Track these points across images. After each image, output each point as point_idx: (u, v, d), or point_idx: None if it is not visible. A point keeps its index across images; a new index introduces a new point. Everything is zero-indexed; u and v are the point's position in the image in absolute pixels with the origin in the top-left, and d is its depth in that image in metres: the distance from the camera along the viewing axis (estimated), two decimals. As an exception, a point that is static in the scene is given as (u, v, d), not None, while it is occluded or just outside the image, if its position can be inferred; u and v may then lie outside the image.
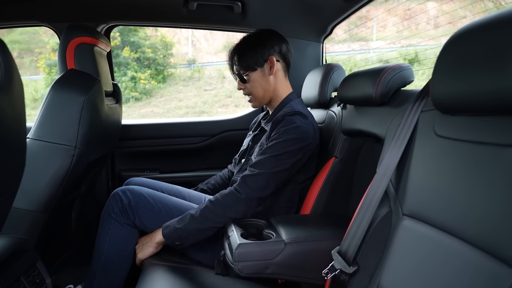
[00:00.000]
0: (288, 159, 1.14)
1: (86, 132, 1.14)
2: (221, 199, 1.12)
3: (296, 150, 1.14)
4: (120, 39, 9.86)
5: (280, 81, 1.32)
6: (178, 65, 10.98)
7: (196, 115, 8.75)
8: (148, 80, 9.86)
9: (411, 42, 8.19)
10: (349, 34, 7.53)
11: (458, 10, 6.58)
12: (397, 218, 0.72)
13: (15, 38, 10.90)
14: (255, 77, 1.29)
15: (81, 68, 1.23)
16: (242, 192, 1.10)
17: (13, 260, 1.02)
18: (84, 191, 1.58)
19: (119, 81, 9.42)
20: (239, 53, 1.29)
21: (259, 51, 1.27)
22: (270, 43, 1.28)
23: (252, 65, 1.27)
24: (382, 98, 0.97)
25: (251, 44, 1.29)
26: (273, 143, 1.15)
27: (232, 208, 1.10)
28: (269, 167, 1.12)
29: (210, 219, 1.10)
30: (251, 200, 1.11)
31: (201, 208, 1.12)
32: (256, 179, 1.11)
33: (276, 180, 1.14)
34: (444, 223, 0.58)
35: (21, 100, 0.69)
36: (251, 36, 1.31)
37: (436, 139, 0.65)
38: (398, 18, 8.67)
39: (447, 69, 0.57)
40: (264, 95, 1.32)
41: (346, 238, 0.77)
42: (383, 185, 0.75)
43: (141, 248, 1.18)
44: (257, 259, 0.93)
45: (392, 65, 0.99)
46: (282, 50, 1.30)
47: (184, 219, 1.12)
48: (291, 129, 1.15)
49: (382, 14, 8.86)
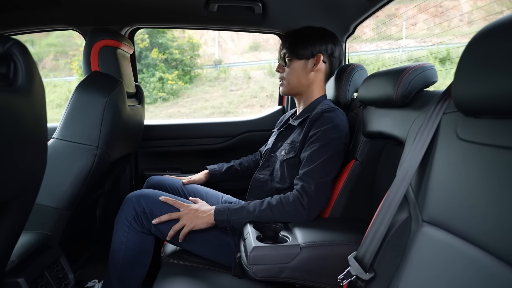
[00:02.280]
0: (338, 160, 1.15)
1: (108, 132, 1.17)
2: (283, 208, 1.08)
3: (341, 149, 1.15)
4: (149, 41, 10.12)
5: (318, 81, 1.31)
6: (205, 65, 11.13)
7: (222, 115, 8.83)
8: (175, 81, 10.06)
9: (443, 40, 7.90)
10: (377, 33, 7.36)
11: (494, 5, 6.27)
12: (416, 224, 0.69)
13: (51, 41, 11.42)
14: (296, 66, 1.29)
15: (105, 70, 1.27)
16: (306, 206, 1.08)
17: (38, 255, 1.06)
18: (109, 189, 1.63)
19: (148, 82, 9.66)
20: (295, 38, 1.30)
21: (312, 45, 1.27)
22: (326, 42, 1.28)
23: (299, 54, 1.28)
24: (403, 99, 0.93)
25: (310, 36, 1.29)
26: (317, 146, 1.13)
27: (291, 218, 1.09)
28: (324, 174, 1.11)
29: (265, 219, 1.09)
30: (314, 214, 1.10)
31: (260, 208, 1.09)
32: (317, 191, 1.09)
33: (332, 184, 1.14)
34: (466, 231, 0.55)
35: (41, 102, 0.71)
36: (313, 29, 1.32)
37: (458, 143, 0.61)
38: (428, 15, 8.39)
39: (470, 69, 0.54)
40: (296, 86, 1.31)
41: (364, 244, 0.75)
42: (402, 189, 0.72)
43: (193, 219, 1.12)
44: (272, 263, 0.92)
45: (414, 65, 0.95)
46: (333, 54, 1.30)
47: (240, 212, 1.10)
48: (332, 128, 1.14)
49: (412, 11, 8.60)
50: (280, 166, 1.26)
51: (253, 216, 1.09)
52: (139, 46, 9.82)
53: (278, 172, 1.27)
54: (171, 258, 1.22)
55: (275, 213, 1.08)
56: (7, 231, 0.74)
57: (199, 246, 1.19)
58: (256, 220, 1.08)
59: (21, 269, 0.96)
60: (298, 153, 1.21)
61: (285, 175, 1.23)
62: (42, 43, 11.49)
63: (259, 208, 1.09)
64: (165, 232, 1.15)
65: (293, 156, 1.22)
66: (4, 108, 0.58)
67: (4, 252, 0.79)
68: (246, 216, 1.09)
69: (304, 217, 1.08)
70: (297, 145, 1.21)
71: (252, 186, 1.34)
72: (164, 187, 1.47)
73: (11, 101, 0.60)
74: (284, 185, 1.23)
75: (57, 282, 1.08)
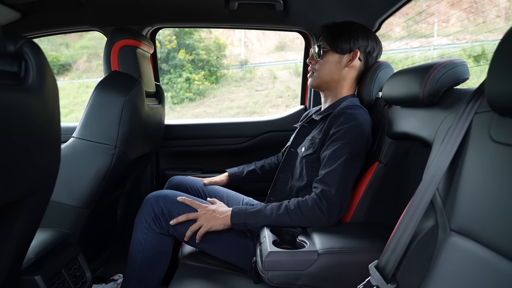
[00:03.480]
0: (359, 161, 1.10)
1: (126, 132, 1.17)
2: (301, 213, 1.04)
3: (363, 150, 1.11)
4: (176, 42, 10.28)
5: (350, 79, 1.27)
6: (231, 66, 11.19)
7: (247, 115, 8.85)
8: (202, 81, 10.17)
9: (478, 37, 7.55)
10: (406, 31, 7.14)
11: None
12: (444, 233, 0.64)
13: (84, 44, 11.86)
14: (330, 59, 1.26)
15: (124, 70, 1.27)
16: (325, 212, 1.03)
17: (56, 253, 1.07)
18: (129, 188, 1.64)
19: (175, 82, 9.83)
20: (336, 30, 1.26)
21: (354, 39, 1.23)
22: (366, 40, 1.24)
23: (338, 47, 1.24)
24: (430, 98, 0.87)
25: (352, 30, 1.24)
26: (339, 145, 1.08)
27: (309, 224, 1.04)
28: (345, 176, 1.05)
29: (283, 223, 1.05)
30: (334, 220, 1.04)
31: (277, 213, 1.05)
32: (337, 196, 1.03)
33: (353, 187, 1.09)
34: (498, 243, 0.50)
35: (54, 100, 0.71)
36: (356, 24, 1.27)
37: (492, 145, 0.56)
38: (463, 12, 8.05)
39: (506, 63, 0.49)
40: (327, 80, 1.27)
41: (386, 252, 0.70)
42: (429, 195, 0.67)
43: (210, 220, 1.10)
44: (287, 269, 0.89)
45: (444, 61, 0.88)
46: (372, 53, 1.27)
47: (257, 216, 1.07)
48: (354, 126, 1.10)
49: (444, 8, 8.28)
50: (300, 163, 1.22)
51: (270, 220, 1.05)
52: (167, 47, 10.00)
53: (297, 169, 1.23)
54: (187, 259, 1.21)
55: (292, 218, 1.04)
56: (21, 229, 0.75)
57: (216, 247, 1.17)
58: (273, 225, 1.05)
59: (38, 267, 0.97)
60: (317, 149, 1.16)
61: (303, 172, 1.19)
62: (76, 46, 11.94)
63: (276, 213, 1.06)
64: (182, 233, 1.14)
65: (312, 153, 1.17)
66: (15, 106, 0.58)
67: (19, 250, 0.80)
68: (263, 220, 1.06)
69: (323, 223, 1.03)
70: (316, 142, 1.17)
71: (274, 185, 1.31)
72: (185, 187, 1.47)
73: (22, 99, 0.60)
74: (301, 182, 1.19)
75: (74, 280, 1.09)
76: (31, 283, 0.93)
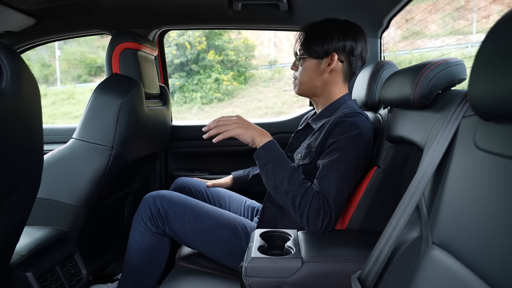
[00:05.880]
0: (357, 174, 1.05)
1: (123, 133, 1.19)
2: (307, 195, 0.97)
3: (362, 161, 1.05)
4: (206, 43, 10.42)
5: (336, 82, 1.17)
6: (259, 66, 11.19)
7: (275, 115, 8.81)
8: (231, 82, 10.24)
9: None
10: (444, 29, 6.82)
11: None
12: (426, 246, 0.60)
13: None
14: (308, 65, 1.15)
15: (125, 72, 1.29)
16: (323, 226, 0.98)
17: (51, 251, 1.11)
18: (137, 188, 1.67)
19: (204, 83, 9.97)
20: (310, 33, 1.15)
21: (328, 42, 1.11)
22: (344, 39, 1.11)
23: (313, 52, 1.13)
24: (422, 100, 0.81)
25: (327, 31, 1.12)
26: (337, 155, 1.01)
27: (304, 223, 0.99)
28: (342, 190, 1.00)
29: (286, 200, 1.00)
30: (326, 231, 0.99)
31: (293, 187, 0.98)
32: (335, 210, 0.98)
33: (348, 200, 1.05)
34: (474, 261, 0.46)
35: (31, 104, 0.72)
36: (333, 22, 1.14)
37: (475, 153, 0.51)
38: (504, 5, 7.56)
39: (488, 64, 0.44)
40: (309, 87, 1.18)
41: (368, 262, 0.67)
42: (413, 204, 0.63)
43: (244, 127, 1.04)
44: (269, 276, 0.86)
45: (437, 60, 0.82)
46: (353, 52, 1.13)
47: (280, 171, 1.00)
48: (354, 136, 1.02)
49: (483, 2, 7.83)
50: None
51: (282, 187, 0.98)
52: (197, 49, 10.17)
53: None
54: (183, 261, 1.21)
55: (296, 206, 0.97)
56: (3, 227, 0.77)
57: (212, 249, 1.16)
58: (278, 191, 1.00)
59: (30, 264, 1.01)
60: (314, 159, 1.10)
61: None
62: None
63: (293, 186, 0.98)
64: (178, 233, 1.14)
65: (309, 163, 1.12)
66: None
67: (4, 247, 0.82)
68: (279, 179, 0.99)
69: (316, 231, 0.98)
70: (313, 151, 1.11)
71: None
72: (189, 188, 1.48)
73: None
74: None
75: (69, 277, 1.11)
76: (22, 279, 0.96)
